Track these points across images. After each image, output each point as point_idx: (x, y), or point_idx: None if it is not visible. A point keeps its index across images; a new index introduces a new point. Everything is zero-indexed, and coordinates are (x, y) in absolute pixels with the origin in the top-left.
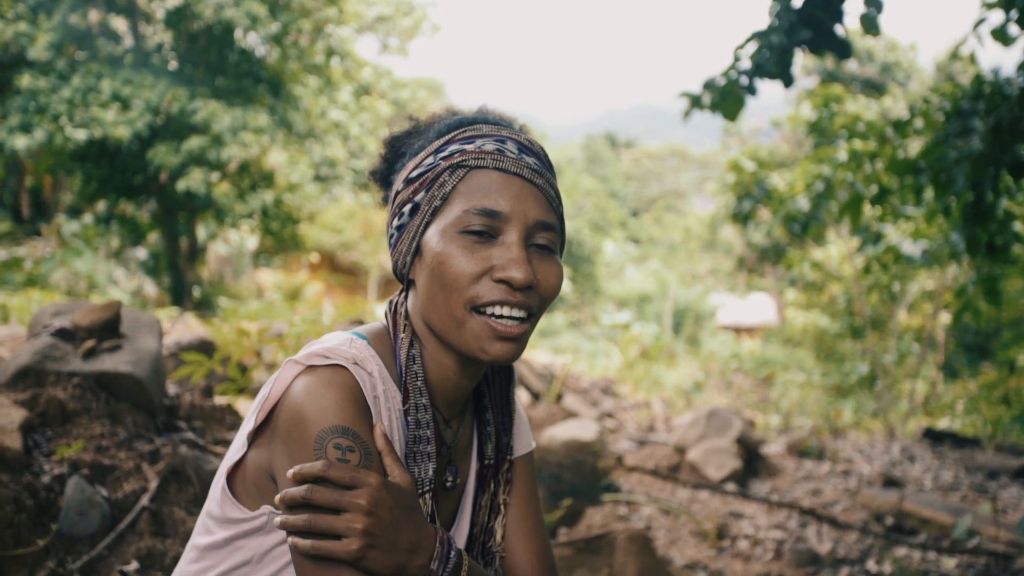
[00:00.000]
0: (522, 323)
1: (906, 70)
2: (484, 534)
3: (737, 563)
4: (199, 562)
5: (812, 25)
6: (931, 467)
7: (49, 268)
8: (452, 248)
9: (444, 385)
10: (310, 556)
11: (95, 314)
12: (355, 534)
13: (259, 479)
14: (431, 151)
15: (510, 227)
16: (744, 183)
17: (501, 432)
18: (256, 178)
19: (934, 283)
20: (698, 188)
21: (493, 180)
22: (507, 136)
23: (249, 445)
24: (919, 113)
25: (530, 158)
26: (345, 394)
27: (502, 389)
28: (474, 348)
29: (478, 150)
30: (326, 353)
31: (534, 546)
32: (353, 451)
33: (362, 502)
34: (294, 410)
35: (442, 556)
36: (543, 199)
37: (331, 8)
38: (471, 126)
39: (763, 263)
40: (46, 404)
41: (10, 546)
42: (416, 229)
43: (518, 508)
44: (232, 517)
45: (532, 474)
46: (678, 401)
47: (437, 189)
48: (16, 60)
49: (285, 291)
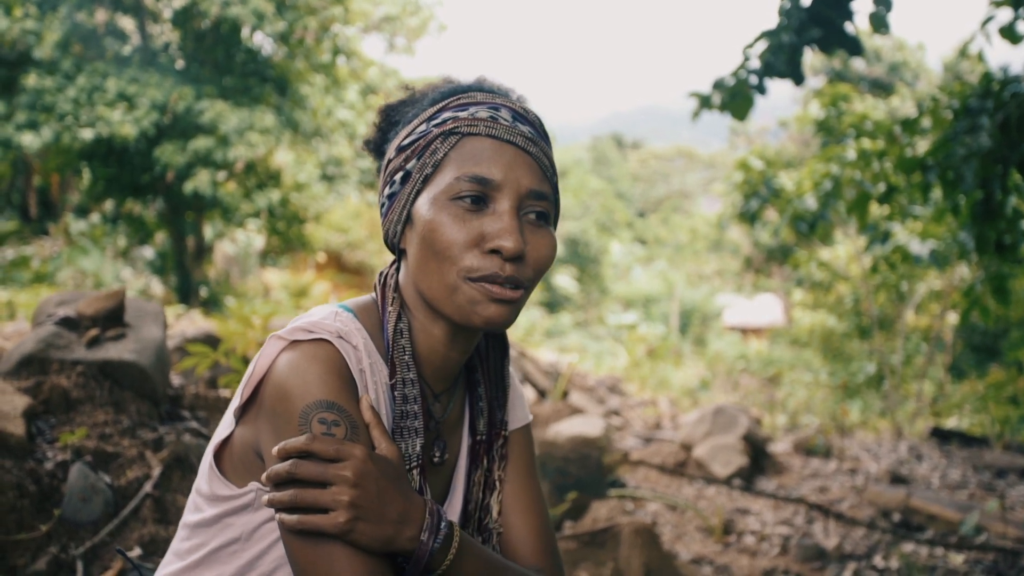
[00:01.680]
0: (516, 288)
1: (914, 70)
2: (480, 511)
3: (743, 558)
4: (190, 539)
5: (822, 23)
6: (938, 465)
7: (56, 267)
8: (443, 216)
9: (433, 358)
10: (297, 532)
11: (99, 303)
12: (341, 506)
13: (246, 456)
14: (424, 119)
15: (502, 195)
16: (752, 182)
17: (495, 407)
18: (263, 177)
19: (942, 283)
20: (705, 189)
21: (486, 147)
22: (501, 104)
23: (236, 422)
24: (927, 111)
25: (524, 126)
26: (329, 368)
27: (496, 363)
28: (468, 313)
29: (471, 117)
30: (310, 327)
31: (532, 520)
32: (339, 425)
33: (347, 474)
34: (278, 386)
35: (432, 527)
36: (536, 168)
37: (337, 7)
38: (465, 94)
39: (770, 263)
40: (50, 392)
41: (13, 531)
42: (407, 197)
43: (514, 483)
44: (220, 494)
45: (528, 448)
46: (684, 400)
47: (429, 156)
48: (22, 59)
49: (292, 290)
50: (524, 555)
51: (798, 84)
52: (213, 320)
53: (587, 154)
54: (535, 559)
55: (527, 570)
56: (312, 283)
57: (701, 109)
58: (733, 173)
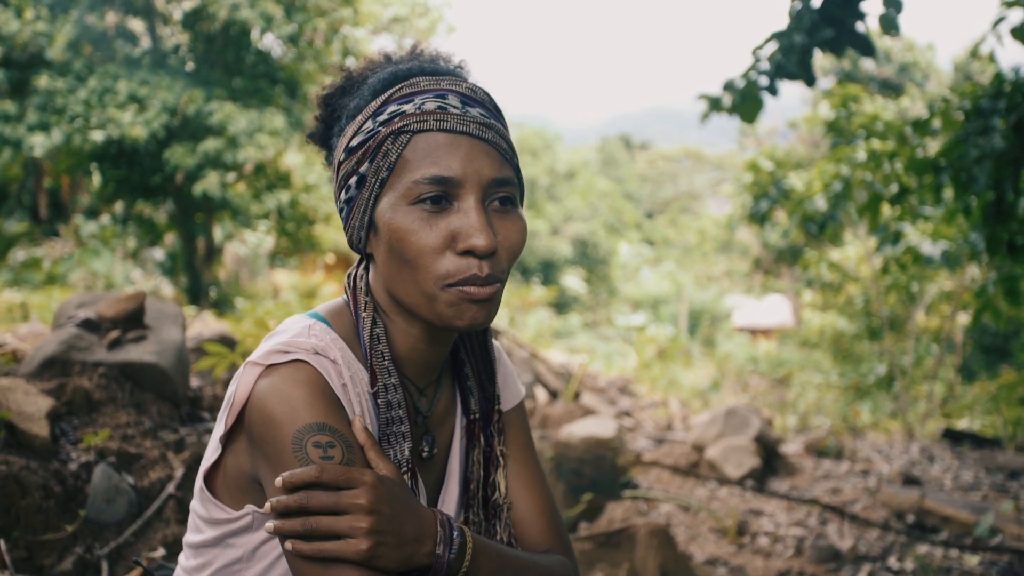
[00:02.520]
0: (493, 284)
1: (924, 70)
2: (486, 488)
3: (758, 559)
4: (195, 559)
5: (833, 23)
6: (951, 467)
7: (67, 268)
8: (407, 221)
9: (414, 356)
10: (312, 559)
11: (120, 305)
12: (361, 534)
13: (240, 480)
14: (369, 114)
15: (464, 191)
16: (761, 183)
17: (485, 382)
18: (272, 179)
19: (952, 284)
20: (713, 190)
21: (439, 143)
22: (447, 89)
23: (223, 448)
24: (938, 112)
25: (475, 109)
26: (312, 389)
27: (478, 338)
28: (449, 317)
29: (418, 111)
30: (285, 348)
31: (535, 499)
32: (334, 446)
33: (362, 501)
34: (263, 414)
35: (446, 539)
36: (495, 153)
37: (347, 9)
38: (407, 81)
39: (779, 264)
40: (72, 393)
41: (39, 532)
42: (366, 203)
43: (514, 461)
44: (217, 518)
45: (524, 425)
46: (695, 401)
47: (382, 159)
48: (34, 60)
49: (301, 291)
50: (531, 535)
51: (810, 85)
52: (227, 321)
53: (595, 155)
54: (542, 538)
55: (537, 555)
56: (321, 284)
57: (711, 111)
58: (743, 174)
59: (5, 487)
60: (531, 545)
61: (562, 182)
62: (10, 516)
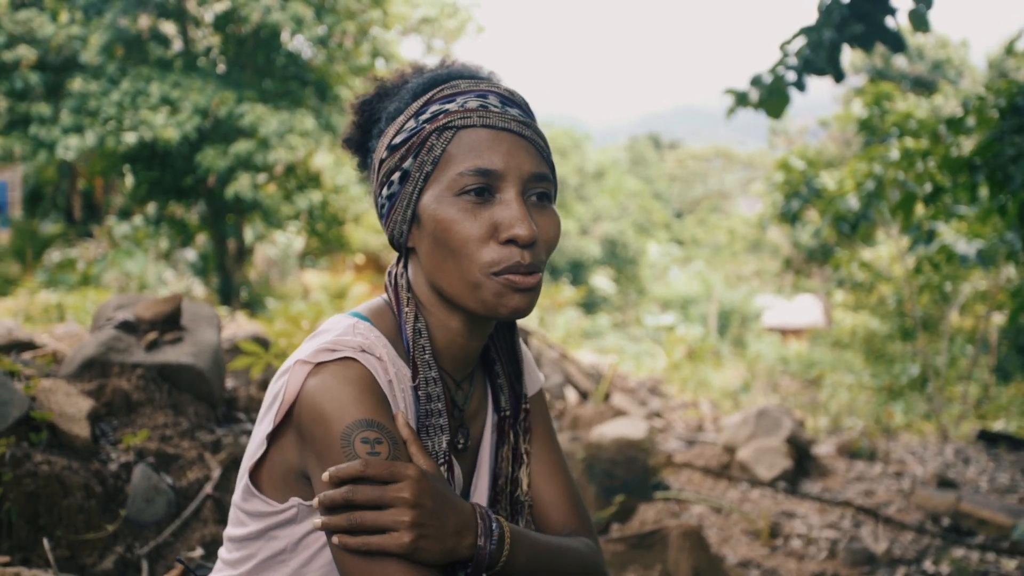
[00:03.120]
0: (534, 273)
1: (957, 67)
2: (510, 484)
3: (791, 562)
4: (238, 551)
5: (863, 19)
6: (986, 469)
7: (101, 269)
8: (452, 212)
9: (453, 350)
10: (358, 552)
11: (157, 307)
12: (404, 527)
13: (286, 474)
14: (411, 114)
15: (506, 184)
16: (792, 182)
17: (513, 382)
18: (303, 180)
19: (987, 283)
20: (743, 189)
21: (482, 138)
22: (487, 90)
23: (269, 444)
24: (972, 110)
25: (514, 109)
26: (361, 386)
27: (506, 339)
28: (494, 306)
29: (462, 108)
30: (332, 346)
31: (558, 482)
32: (381, 442)
33: (406, 495)
34: (314, 411)
35: (487, 530)
36: (533, 150)
37: (376, 10)
38: (448, 83)
39: (810, 264)
40: (112, 394)
41: (81, 531)
42: (410, 196)
43: (537, 449)
44: (261, 511)
45: (544, 412)
46: (725, 402)
47: (426, 154)
48: (68, 64)
49: (331, 292)
50: (555, 518)
51: (838, 81)
52: (259, 322)
53: (624, 154)
54: (566, 520)
55: (564, 538)
56: (351, 284)
57: (737, 106)
58: (774, 173)
59: (48, 487)
60: (554, 527)
61: (591, 182)
62: (53, 516)
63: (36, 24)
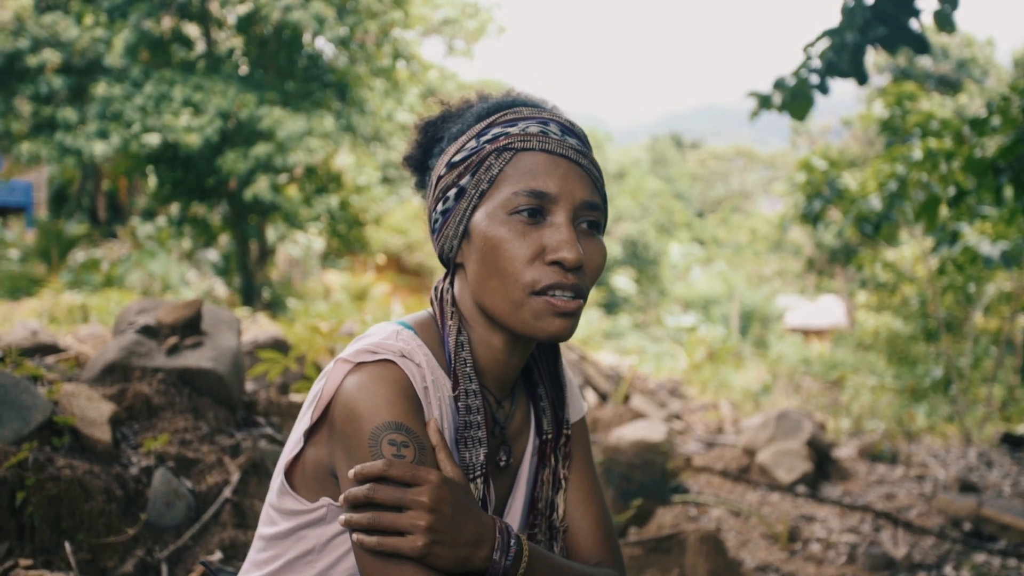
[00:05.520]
0: (576, 299)
1: (983, 66)
2: (548, 508)
3: (810, 566)
4: (266, 551)
5: (887, 21)
6: (1010, 473)
7: (125, 269)
8: (503, 231)
9: (494, 367)
10: (375, 552)
11: (178, 312)
12: (419, 531)
13: (319, 474)
14: (473, 135)
15: (558, 208)
16: (815, 182)
17: (556, 407)
18: (323, 181)
19: (1012, 284)
20: (765, 189)
21: (540, 162)
22: (548, 118)
23: (305, 441)
24: (997, 110)
25: (572, 139)
26: (396, 389)
27: (549, 366)
28: (533, 327)
29: (522, 132)
30: (374, 348)
31: (592, 512)
32: (408, 446)
33: (424, 499)
34: (347, 408)
35: (503, 545)
36: (588, 179)
37: (397, 11)
38: (511, 109)
39: (832, 264)
40: (132, 398)
41: (102, 534)
42: (463, 213)
43: (575, 475)
44: (293, 509)
45: (585, 440)
46: (746, 403)
47: (484, 172)
48: (92, 67)
49: (352, 292)
50: (585, 546)
51: (862, 84)
52: (280, 324)
53: (646, 154)
54: (596, 550)
55: (589, 567)
56: (372, 285)
57: (760, 109)
58: (796, 173)
59: (70, 491)
60: (584, 556)
61: (613, 182)
62: (75, 519)
63: (61, 27)
